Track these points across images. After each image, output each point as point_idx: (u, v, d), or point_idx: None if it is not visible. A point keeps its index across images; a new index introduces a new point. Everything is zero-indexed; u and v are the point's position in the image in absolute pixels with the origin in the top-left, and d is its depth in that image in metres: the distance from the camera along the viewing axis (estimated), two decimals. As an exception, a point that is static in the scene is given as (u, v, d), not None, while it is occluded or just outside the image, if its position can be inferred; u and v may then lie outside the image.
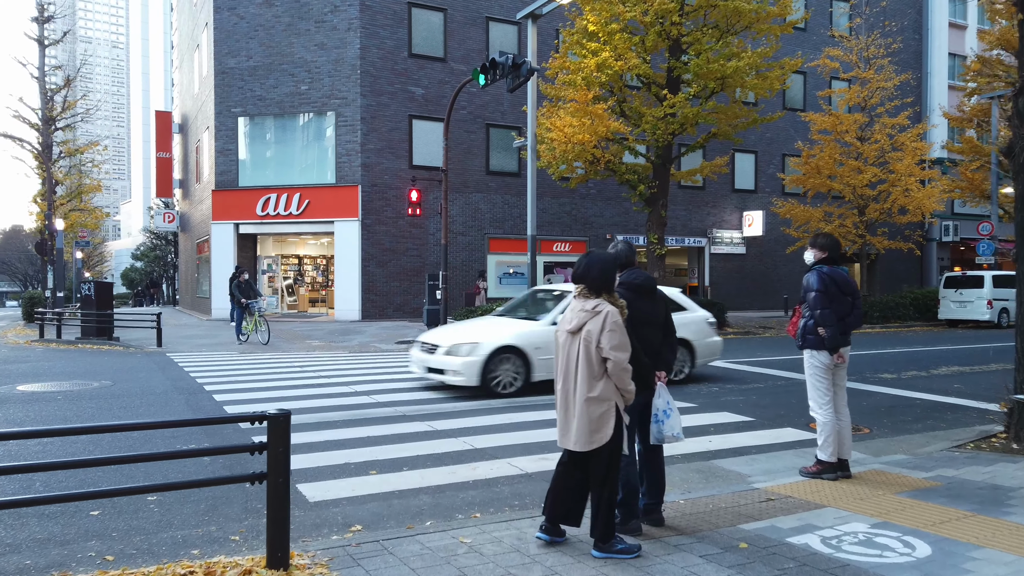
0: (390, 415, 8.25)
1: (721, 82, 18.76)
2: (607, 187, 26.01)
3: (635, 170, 19.97)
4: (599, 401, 3.89)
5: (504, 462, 6.18)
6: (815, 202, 25.58)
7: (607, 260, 4.09)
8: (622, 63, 17.91)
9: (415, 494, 5.32)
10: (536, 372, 9.69)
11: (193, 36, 31.00)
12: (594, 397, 3.89)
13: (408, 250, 23.83)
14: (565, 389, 4.01)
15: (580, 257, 4.17)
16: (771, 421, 8.03)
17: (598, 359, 3.89)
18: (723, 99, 20.74)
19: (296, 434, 7.14)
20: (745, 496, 5.17)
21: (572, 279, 4.17)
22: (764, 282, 30.60)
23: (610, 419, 3.91)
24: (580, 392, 3.91)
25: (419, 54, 24.10)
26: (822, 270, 5.61)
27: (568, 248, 26.52)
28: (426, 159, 23.72)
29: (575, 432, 3.93)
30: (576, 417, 3.93)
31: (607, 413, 3.90)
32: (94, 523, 4.61)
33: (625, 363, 3.89)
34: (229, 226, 24.55)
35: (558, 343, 4.11)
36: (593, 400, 3.89)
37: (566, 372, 4.02)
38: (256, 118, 24.41)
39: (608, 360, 3.86)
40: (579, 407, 3.91)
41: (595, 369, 3.90)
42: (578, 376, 3.93)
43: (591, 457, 3.98)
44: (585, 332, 3.90)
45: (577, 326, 3.96)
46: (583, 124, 18.04)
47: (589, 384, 3.90)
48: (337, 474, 5.79)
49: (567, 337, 4.02)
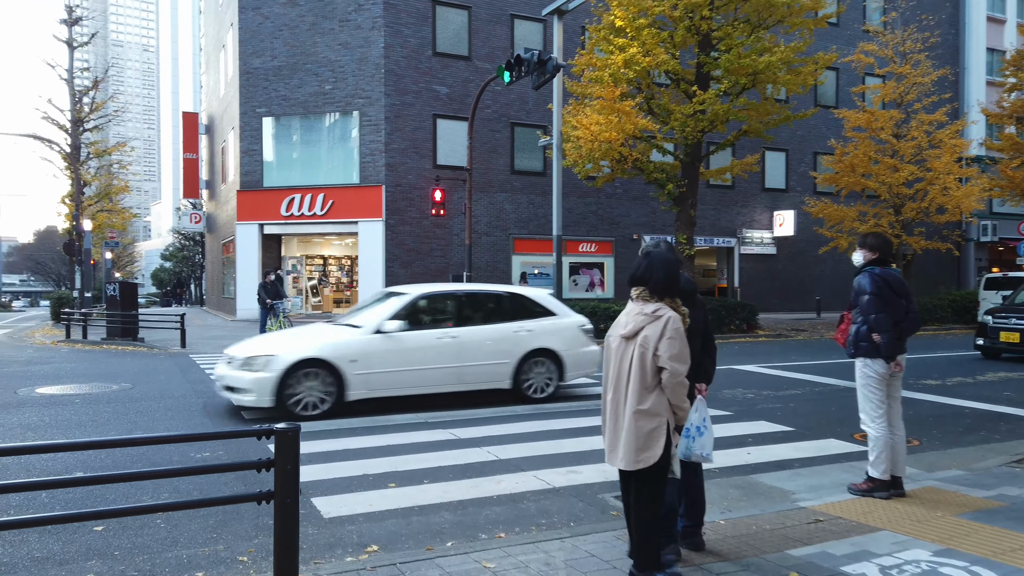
0: (411, 422, 7.96)
1: (752, 78, 18.25)
2: (634, 186, 25.57)
3: (663, 168, 19.52)
4: (649, 416, 3.52)
5: (530, 475, 5.85)
6: (849, 201, 24.89)
7: (672, 261, 3.71)
8: (650, 59, 17.48)
9: (436, 510, 5.01)
10: (352, 390, 8.19)
11: (219, 37, 31.10)
12: (644, 410, 3.52)
13: (432, 251, 23.60)
14: (615, 400, 3.65)
15: (639, 257, 3.82)
16: (813, 431, 7.60)
17: (653, 369, 3.52)
18: (754, 96, 20.23)
19: (315, 442, 6.91)
20: (791, 516, 4.79)
21: (631, 281, 3.79)
22: (796, 283, 29.92)
23: (660, 437, 3.53)
24: (630, 404, 3.55)
25: (443, 52, 23.87)
26: (874, 271, 5.19)
27: (594, 249, 26.12)
28: (450, 159, 23.47)
29: (622, 448, 3.57)
30: (624, 431, 3.57)
31: (657, 430, 3.53)
32: (96, 540, 4.36)
33: (683, 376, 3.51)
34: (254, 226, 24.51)
35: (609, 349, 3.75)
36: (643, 413, 3.52)
37: (617, 382, 3.65)
38: (280, 118, 24.35)
39: (664, 370, 3.49)
40: (628, 420, 3.55)
41: (648, 380, 3.53)
42: (629, 386, 3.56)
43: (637, 477, 3.62)
44: (641, 338, 3.54)
45: (633, 331, 3.58)
46: (610, 122, 17.64)
47: (640, 396, 3.53)
48: (354, 487, 5.50)
49: (620, 343, 3.65)
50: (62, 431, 7.36)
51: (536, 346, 9.23)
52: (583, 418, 8.21)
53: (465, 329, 9.02)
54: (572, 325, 9.79)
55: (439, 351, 8.72)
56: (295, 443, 3.54)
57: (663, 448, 3.53)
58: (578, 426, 7.80)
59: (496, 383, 9.08)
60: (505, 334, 9.17)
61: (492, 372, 9.04)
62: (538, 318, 9.44)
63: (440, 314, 9.33)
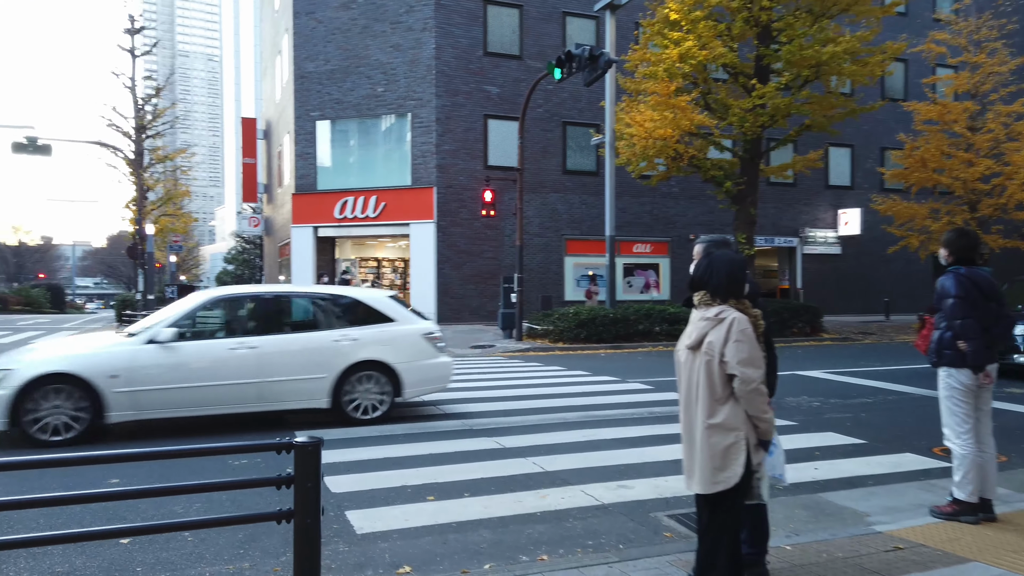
0: (455, 428, 7.68)
1: (815, 70, 17.46)
2: (690, 185, 24.88)
3: (721, 166, 18.88)
4: (723, 430, 3.13)
5: (577, 489, 5.49)
6: (919, 198, 23.67)
7: (735, 261, 3.33)
8: (707, 52, 16.88)
9: (475, 527, 4.69)
10: (113, 411, 6.97)
11: (275, 43, 31.59)
12: (716, 424, 3.14)
13: (483, 252, 23.40)
14: (688, 417, 3.30)
15: (700, 258, 3.46)
16: (886, 444, 7.02)
17: (722, 377, 3.14)
18: (817, 89, 19.38)
19: (355, 449, 6.69)
20: (866, 542, 4.31)
21: (691, 285, 3.43)
22: (862, 284, 28.68)
23: (738, 454, 3.13)
24: (701, 419, 3.19)
25: (494, 52, 23.66)
26: (959, 271, 4.67)
27: (649, 249, 25.52)
28: (501, 159, 23.24)
29: (698, 469, 3.19)
30: (698, 450, 3.20)
31: (734, 447, 3.13)
32: (121, 554, 4.19)
33: (758, 382, 3.11)
34: (308, 229, 24.74)
35: (678, 363, 3.41)
36: (715, 428, 3.14)
37: (687, 397, 3.30)
38: (333, 121, 24.51)
39: (734, 378, 3.11)
40: (700, 438, 3.19)
41: (718, 390, 3.15)
42: (699, 400, 3.20)
43: (712, 501, 3.22)
44: (706, 345, 3.18)
45: (697, 339, 3.23)
46: (665, 118, 17.12)
47: (710, 408, 3.16)
48: (391, 499, 5.23)
49: (687, 355, 3.31)
50: (100, 436, 7.32)
51: (362, 358, 7.92)
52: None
53: (269, 338, 7.70)
54: (413, 333, 8.36)
55: (233, 364, 7.44)
56: (316, 458, 3.28)
57: (743, 467, 3.12)
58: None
59: (310, 401, 7.79)
60: (322, 344, 7.87)
61: (304, 389, 7.73)
62: (370, 325, 8.17)
63: (237, 321, 8.07)
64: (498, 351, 15.91)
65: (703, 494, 3.22)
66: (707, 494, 3.19)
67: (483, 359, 14.69)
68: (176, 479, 5.55)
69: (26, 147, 22.24)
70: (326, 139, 24.74)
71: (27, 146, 22.24)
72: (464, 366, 13.32)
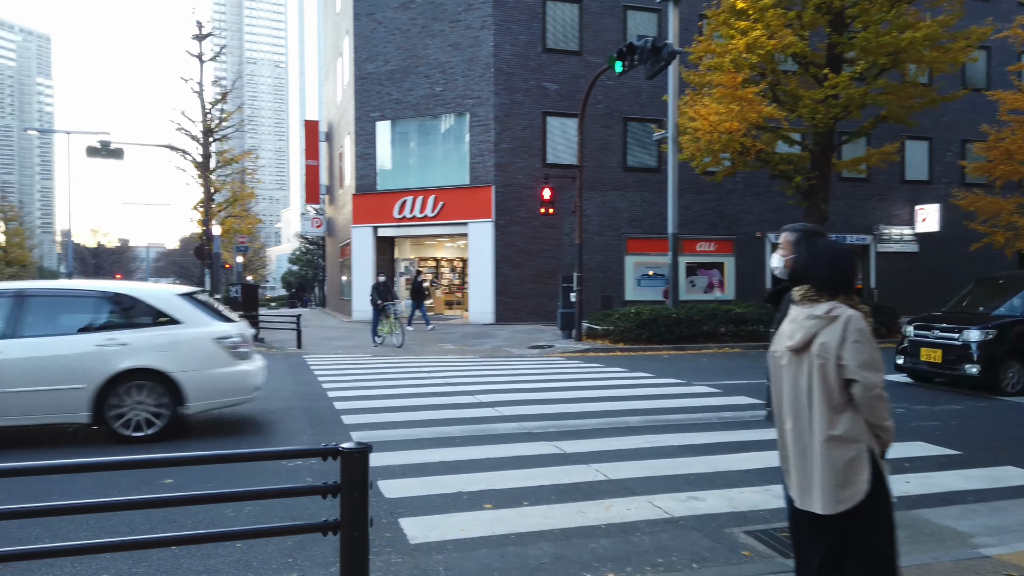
0: (514, 432, 7.40)
1: (893, 57, 16.55)
2: (756, 180, 24.05)
3: (791, 160, 18.10)
4: (844, 443, 2.73)
5: (644, 500, 5.13)
6: (1005, 192, 22.27)
7: (844, 252, 2.93)
8: (775, 41, 16.19)
9: (535, 540, 4.39)
10: None
11: (336, 46, 31.99)
12: (837, 436, 2.73)
13: (542, 251, 23.09)
14: (798, 429, 2.88)
15: (799, 249, 3.08)
16: (984, 456, 6.42)
17: (839, 383, 2.74)
18: (894, 78, 18.40)
19: (410, 452, 6.47)
20: (973, 567, 3.85)
21: (791, 278, 3.03)
22: (941, 284, 27.13)
23: (862, 468, 2.73)
24: (818, 431, 2.78)
25: (553, 48, 23.33)
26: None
27: (713, 248, 24.77)
28: (560, 157, 22.88)
29: (818, 487, 2.79)
30: (816, 466, 2.80)
31: (857, 460, 2.73)
32: (167, 560, 4.04)
33: (880, 387, 2.71)
34: (368, 229, 24.88)
35: (777, 367, 2.99)
36: (836, 441, 2.74)
37: (795, 406, 2.88)
38: (393, 122, 24.59)
39: (854, 383, 2.71)
40: (818, 452, 2.78)
41: (836, 398, 2.75)
42: (814, 409, 2.80)
43: (846, 523, 2.80)
44: (818, 347, 2.77)
45: (803, 340, 2.82)
46: (731, 111, 16.49)
47: (829, 419, 2.75)
48: (447, 506, 4.98)
49: (790, 359, 2.90)
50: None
51: (131, 365, 6.92)
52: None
53: (11, 342, 6.74)
54: (200, 337, 7.24)
55: None
56: (364, 466, 3.02)
57: (868, 481, 2.72)
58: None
59: (66, 416, 6.88)
60: (81, 349, 6.89)
61: (56, 401, 6.77)
62: (148, 327, 7.18)
63: None
64: (557, 351, 15.59)
65: (823, 515, 2.80)
66: (831, 515, 2.78)
67: (542, 360, 14.39)
68: (222, 483, 5.44)
69: (99, 151, 22.98)
70: (386, 139, 24.84)
71: (100, 150, 22.98)
72: (522, 367, 13.05)
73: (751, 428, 7.57)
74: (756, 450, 6.54)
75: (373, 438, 6.97)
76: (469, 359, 14.41)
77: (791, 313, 2.94)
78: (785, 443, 2.95)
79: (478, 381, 11.08)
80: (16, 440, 7.12)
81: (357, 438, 6.97)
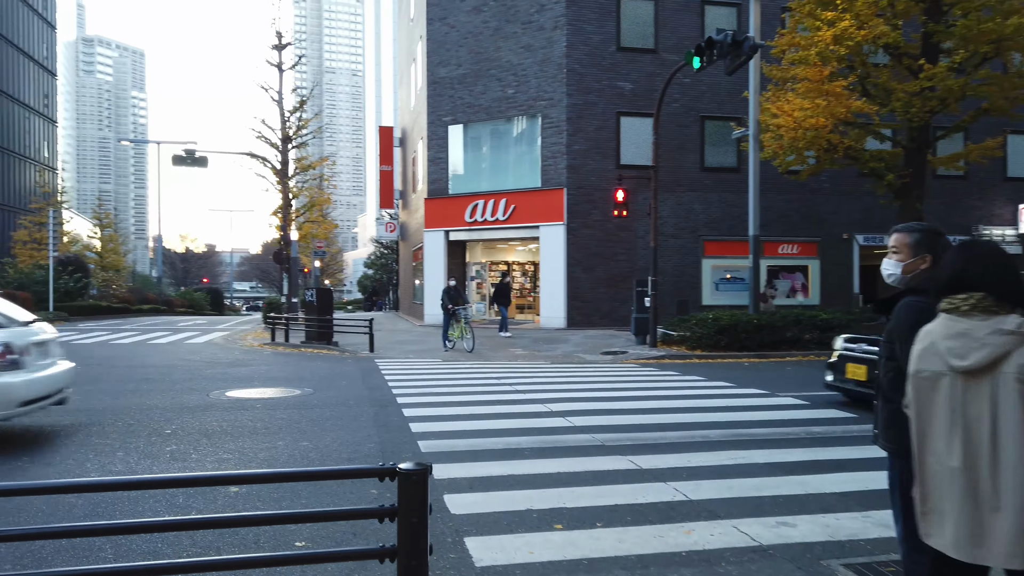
0: (587, 444, 7.05)
1: (995, 46, 15.41)
2: (843, 179, 22.92)
3: (881, 157, 17.09)
4: None
5: (728, 525, 4.71)
6: (1123, 189, 20.52)
7: (1011, 256, 2.49)
8: (866, 32, 15.30)
9: (609, 566, 4.05)
10: None
11: (410, 51, 32.31)
12: None
13: (616, 255, 22.61)
14: (970, 469, 2.36)
15: (949, 252, 2.60)
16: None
17: None
18: (996, 68, 17.17)
19: (478, 464, 6.21)
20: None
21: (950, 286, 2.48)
22: (1047, 288, 25.32)
23: None
24: (1014, 468, 2.27)
25: (627, 47, 22.85)
26: None
27: (796, 250, 23.76)
28: (634, 158, 22.37)
29: (1008, 537, 2.28)
30: (1007, 511, 2.29)
31: None
32: None
33: None
34: (440, 233, 24.94)
35: (935, 390, 2.44)
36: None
37: (966, 441, 2.35)
38: (465, 125, 24.58)
39: None
40: (1011, 495, 2.28)
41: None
42: (1004, 445, 2.29)
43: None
44: (1016, 368, 2.28)
45: (989, 359, 2.31)
46: (817, 106, 15.69)
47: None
48: (515, 526, 4.69)
49: (954, 382, 2.39)
50: (232, 438, 7.29)
51: None
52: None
53: None
54: None
55: None
56: (423, 489, 2.76)
57: None
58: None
59: None
60: None
61: None
62: None
63: None
64: (631, 358, 15.12)
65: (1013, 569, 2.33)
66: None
67: (615, 366, 13.96)
68: (282, 498, 5.30)
69: (184, 159, 23.83)
70: (458, 143, 24.86)
71: (185, 158, 23.83)
72: (595, 374, 12.67)
73: (845, 445, 7.01)
74: (852, 470, 6.01)
75: (440, 448, 6.76)
76: (540, 364, 14.12)
77: (938, 327, 2.46)
78: (935, 481, 2.44)
79: (549, 388, 10.77)
80: None
81: (424, 448, 6.77)
